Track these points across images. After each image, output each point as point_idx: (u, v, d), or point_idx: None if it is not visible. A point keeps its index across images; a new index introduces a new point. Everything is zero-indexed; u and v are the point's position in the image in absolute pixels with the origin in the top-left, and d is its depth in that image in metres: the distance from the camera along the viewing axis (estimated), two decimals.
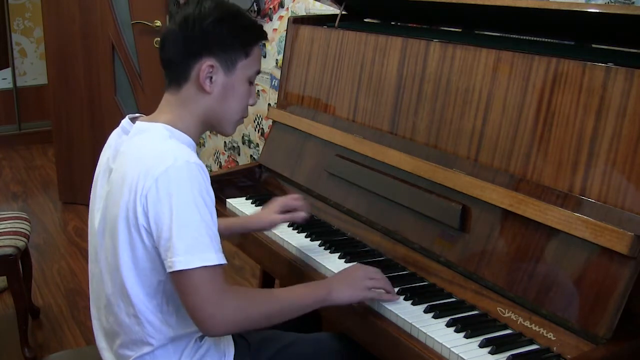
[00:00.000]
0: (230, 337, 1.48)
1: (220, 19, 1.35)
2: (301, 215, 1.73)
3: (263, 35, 1.44)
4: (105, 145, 1.45)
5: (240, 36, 1.38)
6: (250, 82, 1.43)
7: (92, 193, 1.45)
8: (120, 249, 1.30)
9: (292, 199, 1.76)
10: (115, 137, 1.43)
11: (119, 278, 1.32)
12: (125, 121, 1.42)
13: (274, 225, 1.76)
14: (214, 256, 1.23)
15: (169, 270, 1.23)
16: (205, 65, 1.34)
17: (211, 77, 1.36)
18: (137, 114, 1.45)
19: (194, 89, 1.37)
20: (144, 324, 1.33)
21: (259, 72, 1.44)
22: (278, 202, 1.75)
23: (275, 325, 1.70)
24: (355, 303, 1.43)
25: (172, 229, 1.21)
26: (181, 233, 1.21)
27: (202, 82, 1.35)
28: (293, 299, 1.35)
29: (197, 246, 1.22)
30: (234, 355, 1.46)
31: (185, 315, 1.35)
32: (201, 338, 1.40)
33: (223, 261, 1.25)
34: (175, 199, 1.22)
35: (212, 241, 1.24)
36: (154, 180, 1.23)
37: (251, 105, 1.45)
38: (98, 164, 1.45)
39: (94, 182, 1.44)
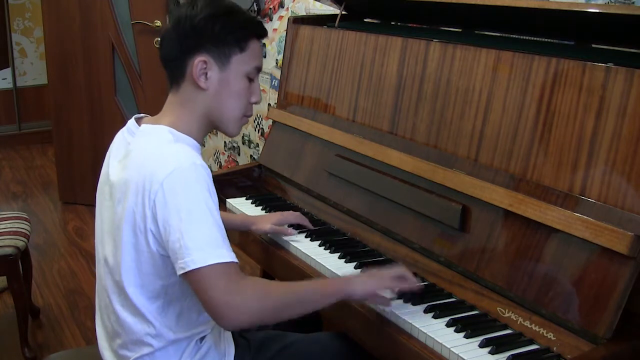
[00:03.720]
0: (230, 338, 1.48)
1: (212, 15, 1.36)
2: (290, 231, 1.78)
3: (259, 30, 1.43)
4: (111, 145, 1.45)
5: (234, 31, 1.38)
6: (250, 79, 1.42)
7: (98, 194, 1.44)
8: (123, 252, 1.30)
9: (293, 217, 1.82)
10: (120, 138, 1.43)
11: (120, 280, 1.32)
12: (131, 122, 1.42)
13: (261, 232, 1.80)
14: (226, 253, 1.22)
15: (181, 272, 1.21)
16: (198, 60, 1.35)
17: (206, 73, 1.36)
18: (142, 115, 1.45)
19: (191, 86, 1.37)
20: (144, 324, 1.33)
21: (259, 69, 1.43)
22: (278, 216, 1.80)
23: (276, 326, 1.71)
24: (373, 295, 1.37)
25: (182, 230, 1.21)
26: (192, 232, 1.21)
27: (196, 78, 1.36)
28: (311, 288, 1.33)
29: (210, 244, 1.21)
30: (235, 355, 1.46)
31: (187, 320, 1.36)
32: (201, 339, 1.40)
33: (236, 260, 1.24)
34: (183, 199, 1.22)
35: (224, 240, 1.24)
36: (159, 183, 1.23)
37: (254, 103, 1.44)
38: (104, 163, 1.44)
39: (100, 182, 1.44)
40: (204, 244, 1.21)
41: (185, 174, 1.24)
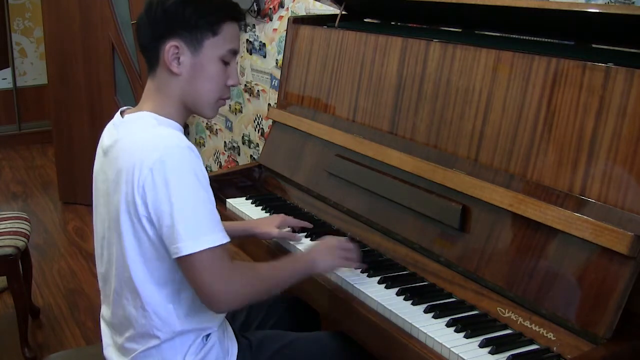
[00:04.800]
0: (233, 336, 1.49)
1: (183, 0, 1.35)
2: (297, 237, 1.77)
3: (233, 13, 1.40)
4: (100, 141, 1.46)
5: (205, 15, 1.35)
6: (225, 62, 1.40)
7: (94, 191, 1.46)
8: (125, 241, 1.31)
9: (295, 221, 1.80)
10: (107, 133, 1.45)
11: (127, 271, 1.33)
12: (117, 116, 1.44)
13: (268, 237, 1.77)
14: (217, 236, 1.26)
15: (175, 256, 1.25)
16: (169, 46, 1.35)
17: (178, 58, 1.36)
18: (126, 107, 1.47)
19: (166, 72, 1.38)
20: (152, 316, 1.34)
21: (235, 51, 1.41)
22: (280, 218, 1.78)
23: (276, 325, 1.72)
24: (334, 270, 1.54)
25: (173, 216, 1.23)
26: (183, 218, 1.23)
27: (168, 64, 1.35)
28: (287, 271, 1.43)
29: (200, 229, 1.24)
30: (237, 353, 1.47)
31: (195, 309, 1.36)
32: (207, 336, 1.40)
33: (226, 239, 1.28)
34: (172, 185, 1.24)
35: (213, 221, 1.27)
36: (148, 169, 1.24)
37: (232, 86, 1.43)
38: (95, 159, 1.46)
39: (94, 179, 1.45)
40: (195, 230, 1.24)
41: (172, 158, 1.25)
